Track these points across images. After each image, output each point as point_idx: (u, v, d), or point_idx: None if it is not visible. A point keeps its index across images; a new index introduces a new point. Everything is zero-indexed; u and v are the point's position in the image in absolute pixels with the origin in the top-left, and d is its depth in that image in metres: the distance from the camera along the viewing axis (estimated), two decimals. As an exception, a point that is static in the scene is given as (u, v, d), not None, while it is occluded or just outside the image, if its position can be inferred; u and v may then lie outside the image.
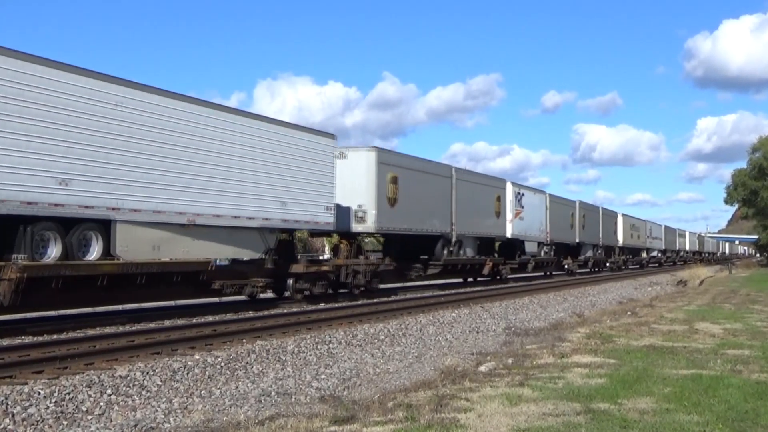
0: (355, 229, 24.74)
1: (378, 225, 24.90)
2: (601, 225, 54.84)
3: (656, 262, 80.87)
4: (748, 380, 9.91)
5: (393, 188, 25.92)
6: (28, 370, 10.31)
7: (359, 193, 24.62)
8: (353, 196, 24.51)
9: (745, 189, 73.92)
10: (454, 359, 12.86)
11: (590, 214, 52.44)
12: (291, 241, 22.40)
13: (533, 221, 40.21)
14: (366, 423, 7.59)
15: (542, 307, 24.88)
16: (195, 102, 17.86)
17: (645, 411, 8.00)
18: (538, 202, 41.56)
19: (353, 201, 24.56)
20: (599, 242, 54.49)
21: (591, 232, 52.11)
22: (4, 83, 13.15)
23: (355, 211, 24.60)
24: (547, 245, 43.02)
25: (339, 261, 23.72)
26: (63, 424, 8.30)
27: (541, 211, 41.88)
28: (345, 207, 24.34)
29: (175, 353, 12.19)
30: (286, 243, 21.82)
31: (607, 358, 11.81)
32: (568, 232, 47.26)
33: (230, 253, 19.40)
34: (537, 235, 41.06)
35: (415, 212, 27.35)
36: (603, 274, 52.58)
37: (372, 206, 24.69)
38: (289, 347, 13.48)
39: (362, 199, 24.67)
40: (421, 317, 19.13)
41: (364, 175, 24.74)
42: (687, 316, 19.40)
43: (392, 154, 27.01)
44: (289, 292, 21.33)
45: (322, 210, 22.07)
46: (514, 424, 7.45)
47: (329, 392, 10.20)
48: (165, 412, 8.95)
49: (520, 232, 38.04)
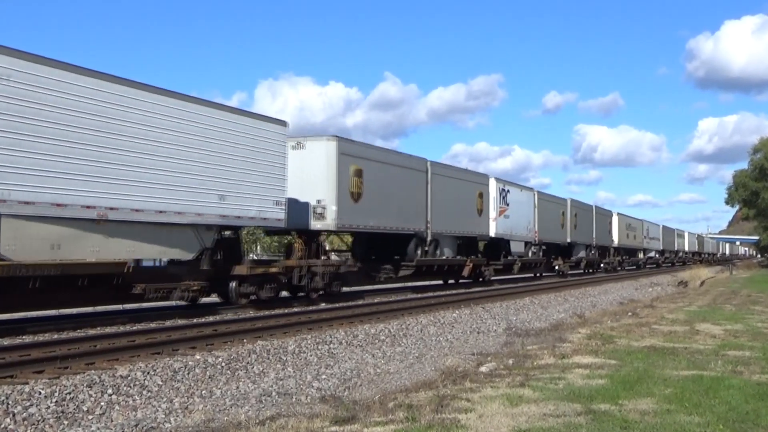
0: (314, 227, 22.44)
1: (339, 222, 22.56)
2: (595, 224, 53.03)
3: (654, 263, 79.35)
4: (748, 381, 9.92)
5: (357, 182, 23.53)
6: (28, 369, 10.30)
7: (318, 187, 22.35)
8: (312, 191, 22.31)
9: (746, 190, 73.94)
10: (455, 360, 12.86)
11: (583, 213, 50.46)
12: (236, 240, 20.02)
13: (520, 220, 37.97)
14: (367, 423, 7.60)
15: (543, 307, 24.87)
16: (105, 78, 15.29)
17: (646, 412, 8.00)
18: (525, 199, 39.29)
19: (312, 196, 22.33)
20: (593, 242, 52.68)
21: (584, 232, 50.15)
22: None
23: (314, 207, 22.33)
24: (535, 245, 40.86)
25: (290, 262, 21.39)
26: (64, 423, 8.30)
27: (528, 209, 39.66)
28: (303, 202, 22.21)
29: (176, 353, 12.19)
30: (230, 242, 19.66)
31: (608, 359, 11.82)
32: (558, 231, 44.95)
33: (154, 253, 17.02)
34: (524, 235, 38.79)
35: (383, 208, 25.06)
36: (603, 275, 51.84)
37: (332, 201, 22.35)
38: (290, 347, 13.48)
39: (321, 194, 22.36)
40: (422, 317, 19.13)
41: (323, 167, 22.42)
42: (688, 317, 19.40)
43: (356, 145, 24.51)
44: (232, 297, 19.06)
45: (271, 205, 19.73)
46: (514, 424, 7.45)
47: (330, 392, 10.20)
48: (166, 412, 8.96)
49: (505, 231, 35.83)
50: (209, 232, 18.09)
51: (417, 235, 27.67)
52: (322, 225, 22.41)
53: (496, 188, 35.24)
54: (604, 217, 56.95)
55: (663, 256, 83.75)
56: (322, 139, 22.92)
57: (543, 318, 21.55)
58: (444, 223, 29.65)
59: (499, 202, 35.18)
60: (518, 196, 38.24)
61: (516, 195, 37.83)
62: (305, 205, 22.23)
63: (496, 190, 35.20)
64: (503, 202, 35.82)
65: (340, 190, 22.58)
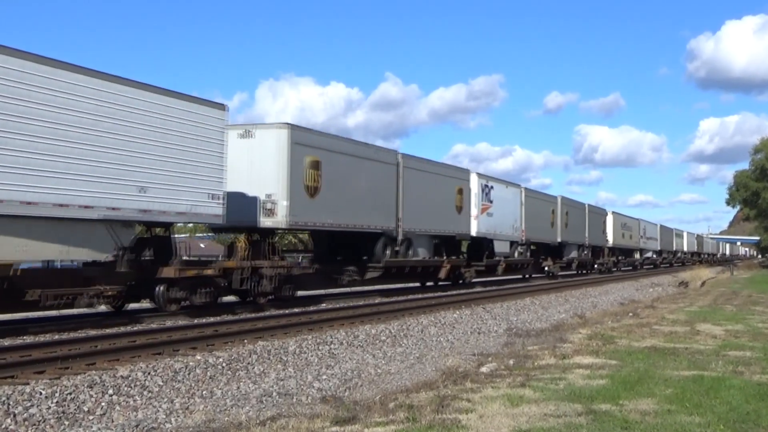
0: (264, 224, 20.25)
1: (292, 219, 20.26)
2: (588, 223, 51.07)
3: (651, 263, 77.74)
4: (749, 381, 9.92)
5: (314, 174, 21.19)
6: (29, 370, 10.30)
7: (269, 181, 20.11)
8: (262, 184, 20.08)
9: (746, 190, 74.02)
10: (456, 360, 12.86)
11: (574, 211, 48.21)
12: (168, 239, 17.86)
13: (505, 218, 35.65)
14: (367, 423, 7.60)
15: (543, 308, 24.87)
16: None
17: (646, 412, 8.00)
18: (511, 196, 36.96)
19: (261, 190, 20.09)
20: (585, 242, 50.55)
21: (575, 231, 47.96)
22: None
23: (264, 203, 20.10)
24: (522, 245, 38.62)
25: (230, 263, 19.04)
26: (64, 424, 8.31)
27: (515, 207, 37.39)
28: (252, 197, 20.02)
29: (177, 353, 12.18)
30: (159, 240, 17.73)
31: (609, 359, 11.82)
32: (548, 230, 42.86)
33: (54, 254, 14.64)
34: (510, 234, 36.52)
35: (344, 205, 22.78)
36: (602, 276, 51.27)
37: (283, 196, 20.04)
38: (291, 348, 13.48)
39: (272, 188, 20.09)
40: (423, 318, 19.13)
41: (274, 159, 20.13)
42: (688, 317, 19.40)
43: (313, 134, 22.06)
44: (160, 302, 16.97)
45: (206, 199, 17.42)
46: (515, 424, 7.45)
47: (331, 393, 10.21)
48: (166, 413, 8.97)
49: (488, 230, 33.50)
50: (128, 229, 15.82)
51: (386, 234, 25.45)
52: (273, 222, 20.28)
53: (478, 184, 32.95)
54: (598, 216, 55.11)
55: (661, 256, 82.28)
56: (273, 127, 20.76)
57: (544, 318, 21.55)
58: (418, 221, 27.42)
59: (481, 199, 33.08)
60: (503, 192, 35.96)
61: (500, 191, 35.64)
62: (254, 199, 20.13)
63: (478, 186, 32.93)
64: (486, 199, 33.67)
65: (292, 184, 20.28)
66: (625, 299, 30.18)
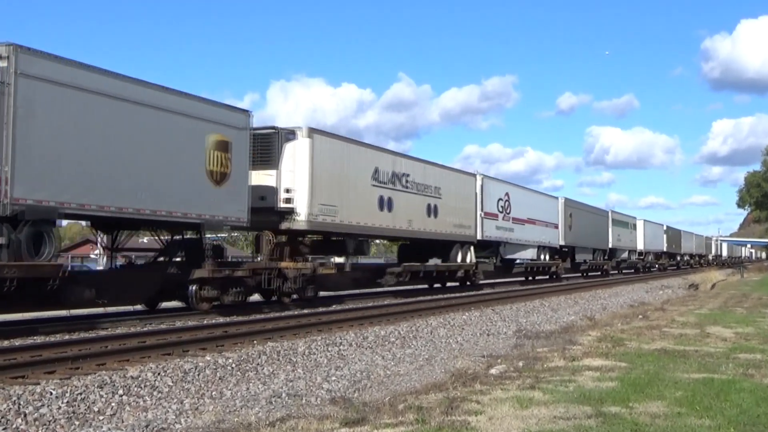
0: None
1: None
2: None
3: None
4: (760, 384, 9.87)
5: None
6: (40, 370, 10.36)
7: None
8: None
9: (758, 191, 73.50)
10: (465, 362, 12.86)
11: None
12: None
13: None
14: (376, 425, 7.60)
15: (553, 310, 24.82)
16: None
17: (656, 415, 7.98)
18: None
19: None
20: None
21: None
22: None
23: None
24: None
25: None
26: (75, 424, 8.35)
27: None
28: None
29: (186, 354, 12.23)
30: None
31: (619, 362, 11.78)
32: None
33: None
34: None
35: None
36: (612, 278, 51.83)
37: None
38: (300, 349, 13.50)
39: None
40: (432, 320, 19.12)
41: None
42: (698, 319, 19.32)
43: None
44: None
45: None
46: (524, 427, 7.44)
47: (340, 394, 10.21)
48: (176, 413, 8.99)
49: None
50: None
51: None
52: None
53: None
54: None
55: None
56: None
57: (553, 320, 21.50)
58: None
59: None
60: None
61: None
62: None
63: None
64: None
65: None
66: (634, 301, 30.07)
